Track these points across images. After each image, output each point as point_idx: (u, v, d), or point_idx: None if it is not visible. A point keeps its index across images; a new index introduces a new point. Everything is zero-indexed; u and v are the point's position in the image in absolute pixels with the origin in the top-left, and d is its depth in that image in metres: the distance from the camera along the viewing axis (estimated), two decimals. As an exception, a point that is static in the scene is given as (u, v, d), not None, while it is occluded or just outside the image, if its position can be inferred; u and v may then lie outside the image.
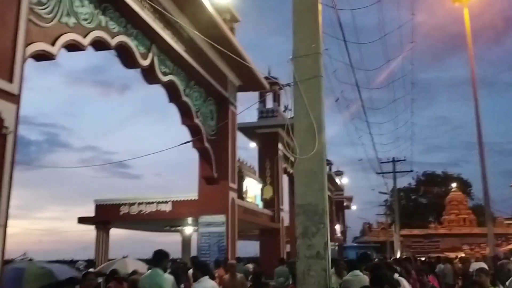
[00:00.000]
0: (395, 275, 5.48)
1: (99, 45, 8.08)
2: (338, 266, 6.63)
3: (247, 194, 15.61)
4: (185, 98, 11.07)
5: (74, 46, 7.29)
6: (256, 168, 18.10)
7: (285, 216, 19.67)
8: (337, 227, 36.44)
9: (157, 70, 9.73)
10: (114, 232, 17.11)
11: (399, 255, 25.59)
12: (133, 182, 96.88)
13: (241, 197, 14.53)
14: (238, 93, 14.18)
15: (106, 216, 15.19)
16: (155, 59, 9.59)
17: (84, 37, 7.37)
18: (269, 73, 18.26)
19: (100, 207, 15.29)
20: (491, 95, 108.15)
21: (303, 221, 3.87)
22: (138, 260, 11.24)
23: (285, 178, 20.81)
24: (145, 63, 9.24)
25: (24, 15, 5.91)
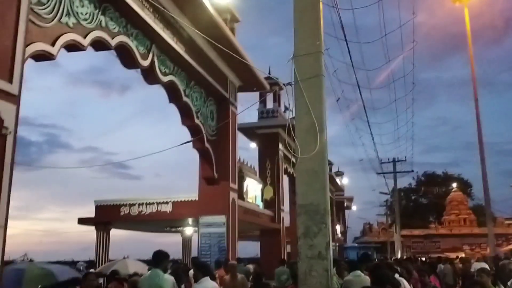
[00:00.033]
0: (395, 275, 5.46)
1: (99, 45, 8.07)
2: (339, 266, 6.61)
3: (248, 194, 15.58)
4: (185, 99, 11.06)
5: (74, 46, 7.28)
6: (256, 169, 18.08)
7: (285, 216, 19.64)
8: (338, 227, 36.40)
9: (157, 70, 9.71)
10: (115, 233, 17.10)
11: (399, 255, 25.56)
12: (133, 183, 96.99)
13: (241, 197, 14.50)
14: (238, 93, 14.17)
15: (106, 216, 15.18)
16: (155, 59, 9.57)
17: (84, 37, 7.36)
18: (269, 73, 18.22)
19: (100, 207, 15.27)
20: (491, 95, 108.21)
21: (304, 221, 3.84)
22: (138, 261, 11.22)
23: (285, 178, 20.79)
24: (145, 63, 9.22)
25: (24, 15, 5.89)
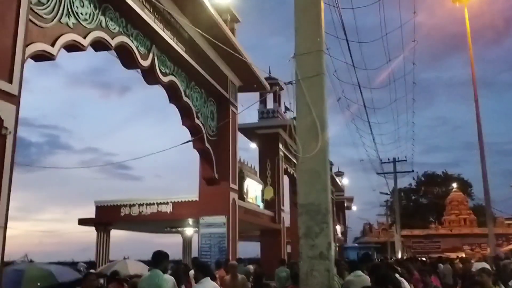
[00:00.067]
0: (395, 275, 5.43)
1: (99, 45, 8.05)
2: (340, 266, 6.60)
3: (248, 194, 15.56)
4: (185, 99, 11.04)
5: (74, 46, 7.26)
6: (256, 169, 18.06)
7: (286, 216, 19.62)
8: (338, 227, 36.38)
9: (158, 70, 9.70)
10: (115, 233, 17.09)
11: (400, 255, 25.53)
12: (133, 184, 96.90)
13: (241, 197, 14.48)
14: (239, 93, 14.16)
15: (106, 217, 15.17)
16: (156, 59, 9.56)
17: (84, 37, 7.34)
18: (269, 73, 18.22)
19: (100, 208, 15.26)
20: (491, 95, 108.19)
21: (305, 221, 3.81)
22: (139, 262, 11.18)
23: (286, 178, 20.77)
24: (145, 63, 9.21)
25: (24, 15, 5.87)
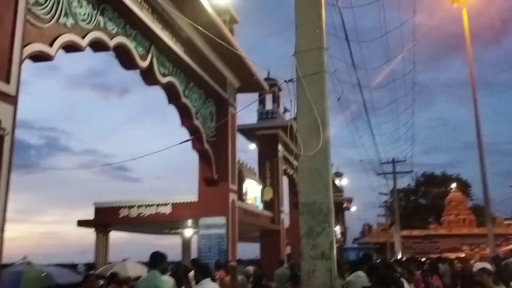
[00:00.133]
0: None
1: (98, 46, 8.03)
2: (341, 267, 6.57)
3: (247, 195, 15.52)
4: (184, 100, 11.01)
5: (72, 47, 7.24)
6: (256, 170, 18.03)
7: (285, 217, 19.58)
8: (337, 228, 36.35)
9: (156, 71, 9.67)
10: (114, 235, 17.03)
11: (400, 256, 25.48)
12: (133, 185, 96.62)
13: (241, 198, 14.45)
14: (238, 94, 14.13)
15: (105, 219, 15.10)
16: (154, 60, 9.53)
17: (83, 38, 7.32)
18: (268, 74, 18.21)
19: (99, 210, 15.20)
20: (490, 95, 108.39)
21: (307, 220, 3.77)
22: (138, 263, 11.13)
23: (285, 179, 20.73)
24: (144, 64, 9.18)
25: (22, 15, 5.85)
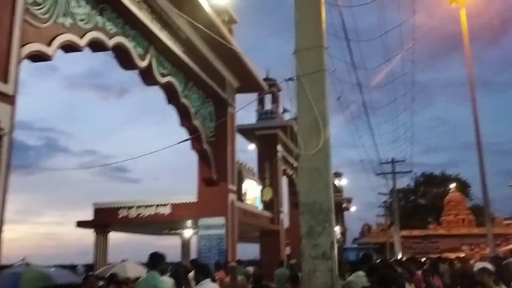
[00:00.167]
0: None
1: (96, 46, 8.00)
2: (341, 267, 6.55)
3: (247, 196, 15.49)
4: (183, 100, 10.99)
5: (70, 47, 7.21)
6: (255, 170, 18.00)
7: (284, 218, 19.55)
8: (337, 228, 36.32)
9: (155, 71, 9.64)
10: (113, 236, 16.97)
11: (400, 256, 25.45)
12: (132, 186, 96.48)
13: (240, 199, 14.42)
14: (237, 94, 14.10)
15: (104, 219, 15.06)
16: (153, 60, 9.50)
17: (81, 37, 7.29)
18: (267, 74, 18.22)
19: (98, 210, 15.15)
20: (489, 95, 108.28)
21: (308, 220, 3.73)
22: (137, 264, 11.10)
23: (284, 180, 20.70)
24: (143, 64, 9.15)
25: (20, 15, 5.83)
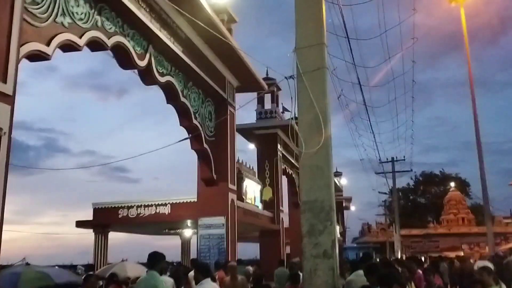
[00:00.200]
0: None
1: (95, 45, 7.97)
2: (341, 266, 6.53)
3: (247, 195, 15.48)
4: (183, 99, 10.96)
5: (69, 46, 7.18)
6: (255, 169, 17.98)
7: (284, 217, 19.53)
8: (337, 228, 36.31)
9: (155, 70, 9.62)
10: (113, 236, 16.96)
11: (399, 255, 25.44)
12: (132, 186, 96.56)
13: (240, 198, 14.40)
14: (236, 94, 14.08)
15: (104, 219, 15.04)
16: (152, 59, 9.48)
17: (80, 37, 7.26)
18: (267, 73, 18.20)
19: (98, 210, 15.14)
20: (488, 94, 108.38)
21: (309, 218, 3.71)
22: (137, 264, 11.08)
23: (284, 179, 20.68)
24: (142, 63, 9.13)
25: (18, 14, 5.80)
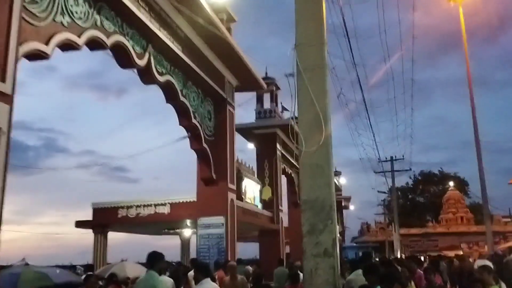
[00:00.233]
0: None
1: (95, 44, 7.95)
2: (341, 265, 6.52)
3: (246, 195, 15.46)
4: (182, 99, 10.94)
5: (68, 45, 7.16)
6: (254, 169, 17.97)
7: (284, 217, 19.52)
8: (336, 227, 36.30)
9: (154, 70, 9.60)
10: (113, 236, 16.93)
11: (399, 254, 25.45)
12: (131, 186, 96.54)
13: (240, 198, 14.39)
14: (236, 93, 14.07)
15: (103, 219, 15.02)
16: (152, 59, 9.46)
17: (79, 36, 7.24)
18: (266, 73, 18.23)
19: (97, 210, 15.11)
20: (487, 93, 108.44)
21: (309, 217, 3.71)
22: (137, 264, 11.06)
23: (283, 178, 20.66)
24: (141, 63, 9.11)
25: (17, 13, 5.78)
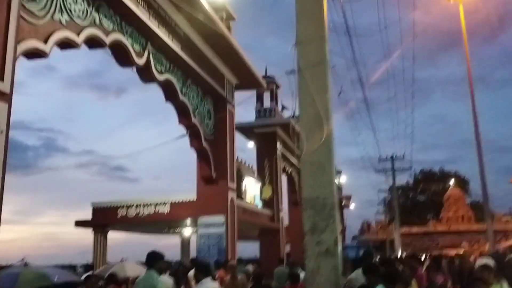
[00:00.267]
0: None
1: (93, 43, 7.92)
2: (344, 265, 6.48)
3: (246, 194, 15.42)
4: (182, 97, 10.90)
5: (67, 43, 7.13)
6: (254, 168, 17.93)
7: (284, 216, 19.49)
8: (337, 226, 36.22)
9: (153, 68, 9.56)
10: (112, 235, 16.86)
11: (400, 253, 25.40)
12: (131, 186, 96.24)
13: (240, 197, 14.35)
14: (235, 92, 14.03)
15: (103, 219, 14.96)
16: (151, 57, 9.42)
17: (78, 34, 7.21)
18: (265, 72, 18.18)
19: (97, 210, 15.05)
20: (487, 92, 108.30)
21: (311, 216, 3.65)
22: (137, 263, 11.02)
23: (284, 177, 20.63)
24: (140, 61, 9.07)
25: (15, 11, 5.74)
